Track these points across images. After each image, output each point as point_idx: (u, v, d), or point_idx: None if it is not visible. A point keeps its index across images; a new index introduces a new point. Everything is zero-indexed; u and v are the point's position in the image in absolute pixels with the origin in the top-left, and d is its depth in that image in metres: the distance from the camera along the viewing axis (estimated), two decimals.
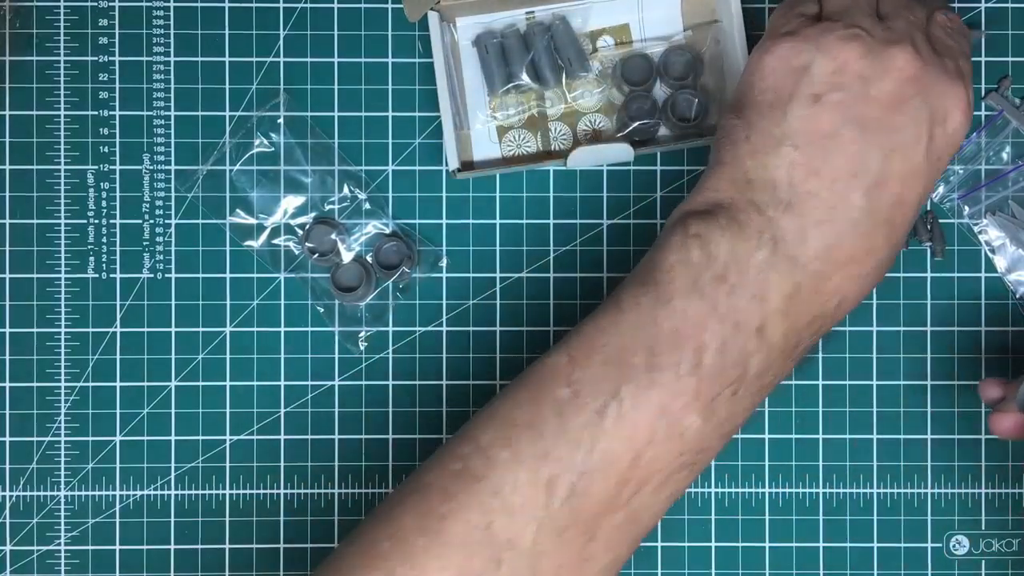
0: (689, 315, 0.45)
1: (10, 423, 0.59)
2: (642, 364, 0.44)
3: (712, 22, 0.58)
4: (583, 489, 0.44)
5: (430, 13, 0.56)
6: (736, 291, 0.45)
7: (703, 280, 0.45)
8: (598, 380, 0.45)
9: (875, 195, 0.46)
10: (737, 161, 0.47)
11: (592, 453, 0.44)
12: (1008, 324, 0.59)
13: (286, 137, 0.59)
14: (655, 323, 0.45)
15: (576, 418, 0.45)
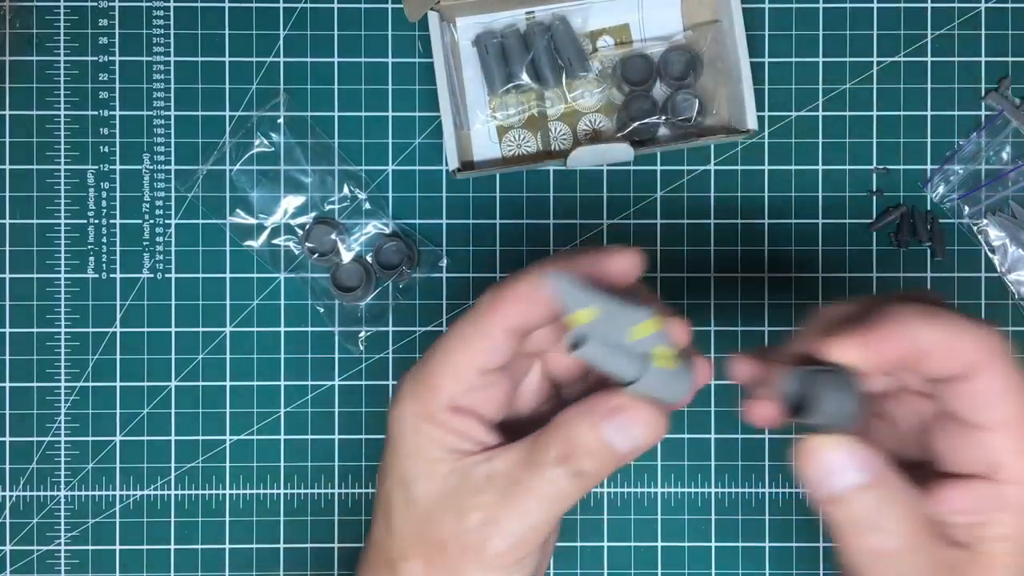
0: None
1: (10, 423, 0.59)
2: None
3: (712, 22, 0.58)
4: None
5: (430, 13, 0.56)
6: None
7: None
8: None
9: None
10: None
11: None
12: (1008, 324, 0.59)
13: (286, 137, 0.59)
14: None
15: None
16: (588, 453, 0.41)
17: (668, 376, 0.41)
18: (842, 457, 0.39)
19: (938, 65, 0.60)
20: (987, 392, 0.39)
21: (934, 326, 0.39)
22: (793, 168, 0.59)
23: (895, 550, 0.38)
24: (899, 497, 0.39)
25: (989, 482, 0.39)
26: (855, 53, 0.60)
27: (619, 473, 0.59)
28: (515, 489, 0.42)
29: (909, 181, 0.60)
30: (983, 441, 0.39)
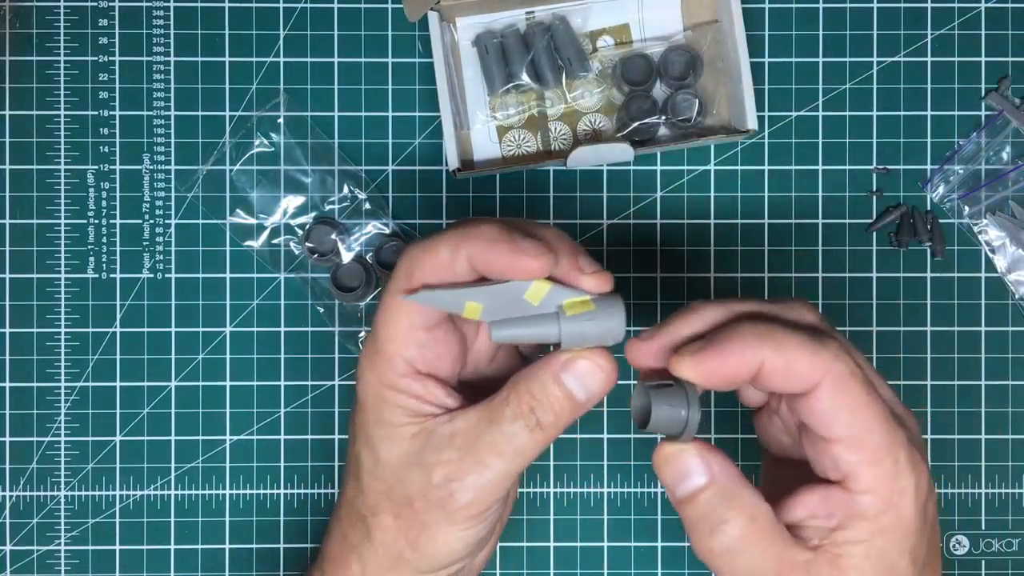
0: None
1: (10, 423, 0.59)
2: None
3: (712, 22, 0.58)
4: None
5: (430, 13, 0.56)
6: None
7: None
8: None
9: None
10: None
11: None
12: (1008, 324, 0.59)
13: (286, 137, 0.59)
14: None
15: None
16: (547, 405, 0.44)
17: (589, 320, 0.44)
18: (686, 462, 0.43)
19: (938, 65, 0.60)
20: (828, 410, 0.41)
21: (770, 348, 0.41)
22: (793, 168, 0.59)
23: (736, 543, 0.41)
24: (739, 495, 0.42)
25: (845, 490, 0.41)
26: (855, 53, 0.60)
27: (619, 473, 0.59)
28: (477, 445, 0.44)
29: (909, 181, 0.60)
30: (833, 452, 0.42)
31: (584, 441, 0.59)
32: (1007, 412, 0.59)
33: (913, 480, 0.41)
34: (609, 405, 0.59)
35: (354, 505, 0.47)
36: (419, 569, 0.46)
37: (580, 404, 0.44)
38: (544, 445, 0.45)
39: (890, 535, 0.41)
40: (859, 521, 0.41)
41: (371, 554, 0.47)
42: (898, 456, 0.41)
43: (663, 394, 0.43)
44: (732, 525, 0.42)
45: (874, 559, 0.41)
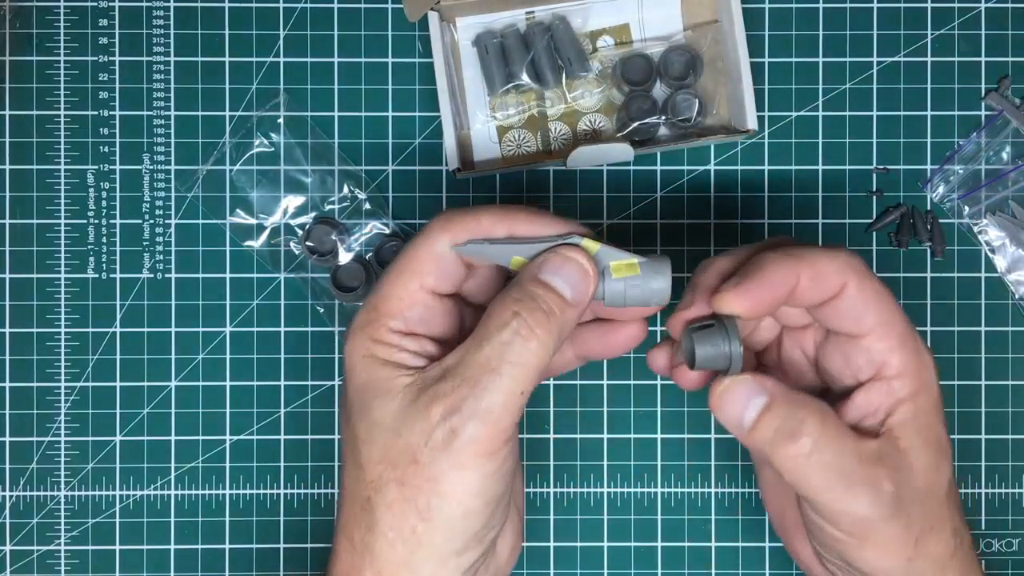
0: None
1: (10, 423, 0.59)
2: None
3: (712, 22, 0.58)
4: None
5: (430, 13, 0.56)
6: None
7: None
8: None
9: None
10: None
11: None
12: (1008, 324, 0.59)
13: (286, 137, 0.59)
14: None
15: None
16: (533, 304, 0.43)
17: (634, 281, 0.45)
18: (742, 391, 0.44)
19: (938, 65, 0.60)
20: (856, 304, 0.44)
21: (797, 264, 0.44)
22: (793, 168, 0.59)
23: (818, 440, 0.43)
24: (802, 404, 0.43)
25: (880, 381, 0.45)
26: (855, 53, 0.60)
27: (619, 473, 0.59)
28: (470, 368, 0.43)
29: (909, 181, 0.60)
30: (864, 346, 0.45)
31: (584, 441, 0.59)
32: (1007, 412, 0.59)
33: (931, 356, 0.45)
34: (609, 405, 0.59)
35: (355, 494, 0.45)
36: (438, 550, 0.43)
37: (568, 301, 0.44)
38: (542, 354, 0.43)
39: (927, 408, 0.45)
40: (901, 404, 0.44)
41: (381, 548, 0.44)
42: (916, 337, 0.45)
43: (705, 334, 0.44)
44: (809, 424, 0.43)
45: (923, 432, 0.44)
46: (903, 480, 0.44)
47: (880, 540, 0.44)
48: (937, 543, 0.45)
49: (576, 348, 0.50)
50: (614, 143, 0.57)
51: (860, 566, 0.45)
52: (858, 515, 0.43)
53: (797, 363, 0.49)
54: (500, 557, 0.47)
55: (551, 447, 0.59)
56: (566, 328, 0.44)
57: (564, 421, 0.59)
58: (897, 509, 0.43)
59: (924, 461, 0.44)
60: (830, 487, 0.43)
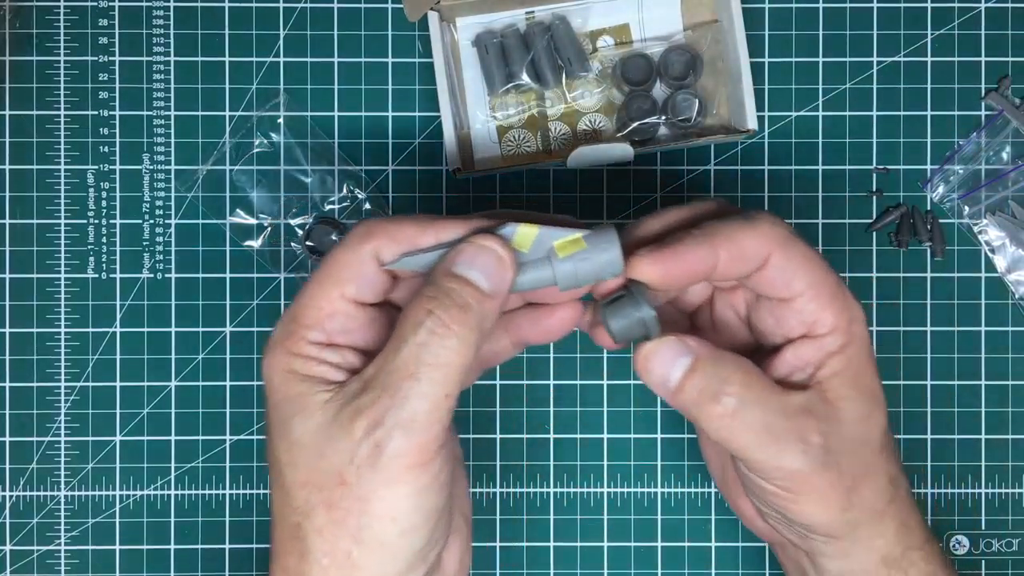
0: None
1: (10, 423, 0.59)
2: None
3: (712, 22, 0.58)
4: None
5: (430, 13, 0.56)
6: None
7: None
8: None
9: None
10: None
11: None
12: (1008, 324, 0.59)
13: (286, 137, 0.59)
14: None
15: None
16: (447, 300, 0.41)
17: (583, 258, 0.43)
18: (667, 353, 0.43)
19: (938, 65, 0.60)
20: (782, 273, 0.44)
21: (715, 243, 0.43)
22: (793, 168, 0.59)
23: (742, 399, 0.43)
24: (726, 363, 0.43)
25: (811, 339, 0.45)
26: (855, 53, 0.60)
27: (619, 473, 0.59)
28: (389, 376, 0.40)
29: (909, 181, 0.60)
30: (794, 308, 0.45)
31: (584, 441, 0.59)
32: (1007, 412, 0.59)
33: (860, 308, 0.45)
34: (609, 405, 0.59)
35: (285, 520, 0.42)
36: (377, 574, 0.41)
37: (486, 293, 0.42)
38: (463, 351, 0.41)
39: (857, 359, 0.45)
40: (831, 358, 0.44)
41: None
42: (845, 291, 0.45)
43: (615, 307, 0.44)
44: (732, 383, 0.43)
45: (853, 383, 0.44)
46: (832, 431, 0.44)
47: (813, 492, 0.44)
48: (872, 492, 0.45)
49: (511, 335, 0.48)
50: (614, 143, 0.57)
51: (796, 519, 0.45)
52: (788, 469, 0.43)
53: (730, 323, 0.49)
54: (447, 571, 0.45)
55: (551, 447, 0.59)
56: (487, 321, 0.42)
57: (564, 421, 0.59)
58: (827, 460, 0.43)
59: (854, 411, 0.44)
60: (758, 444, 0.43)
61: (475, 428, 0.59)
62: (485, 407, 0.59)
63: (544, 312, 0.47)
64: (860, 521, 0.45)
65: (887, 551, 0.46)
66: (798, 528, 0.46)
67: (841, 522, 0.45)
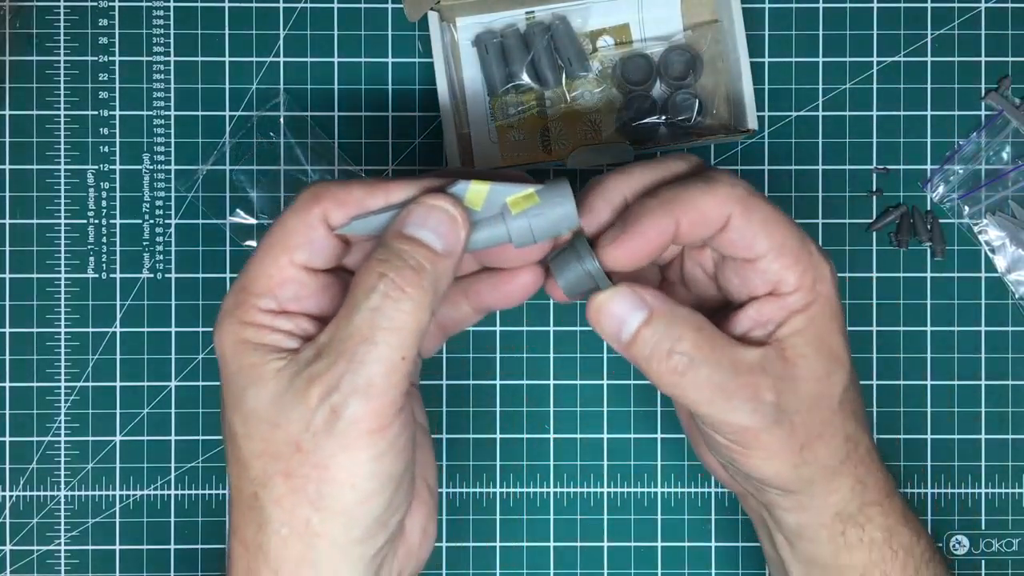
0: None
1: (10, 423, 0.59)
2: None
3: (712, 22, 0.58)
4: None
5: (430, 13, 0.56)
6: None
7: None
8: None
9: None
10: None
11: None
12: (1008, 324, 0.59)
13: (286, 137, 0.59)
14: None
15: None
16: (399, 262, 0.40)
17: (537, 213, 0.42)
18: (621, 305, 0.43)
19: (938, 65, 0.60)
20: (744, 234, 0.44)
21: (673, 210, 0.43)
22: (793, 168, 0.59)
23: (691, 362, 0.43)
24: (679, 313, 0.43)
25: (776, 297, 0.44)
26: (855, 53, 0.60)
27: (619, 473, 0.59)
28: (344, 342, 0.40)
29: (909, 181, 0.60)
30: (759, 268, 0.44)
31: (584, 441, 0.59)
32: (1007, 412, 0.59)
33: (827, 266, 0.45)
34: (609, 405, 0.59)
35: (242, 492, 0.42)
36: (337, 541, 0.40)
37: (439, 253, 0.41)
38: (418, 314, 0.40)
39: (820, 318, 0.44)
40: (793, 316, 0.44)
41: (276, 547, 0.41)
42: (811, 249, 0.44)
43: (558, 261, 0.43)
44: (684, 340, 0.43)
45: (813, 342, 0.44)
46: (787, 388, 0.44)
47: (764, 447, 0.44)
48: (826, 450, 0.45)
49: (471, 301, 0.47)
50: (614, 143, 0.57)
51: (749, 472, 0.45)
52: (738, 425, 0.44)
53: (699, 279, 0.48)
54: (411, 539, 0.45)
55: (551, 447, 0.59)
56: (442, 282, 0.41)
57: (564, 421, 0.59)
58: (779, 417, 0.43)
59: (813, 370, 0.44)
60: (708, 401, 0.43)
61: (475, 428, 0.59)
62: (485, 407, 0.59)
63: (504, 277, 0.46)
64: (814, 477, 0.45)
65: (842, 507, 0.46)
66: (753, 481, 0.47)
67: (793, 477, 0.45)
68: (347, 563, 0.41)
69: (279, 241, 0.42)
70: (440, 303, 0.41)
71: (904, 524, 0.47)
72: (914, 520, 0.48)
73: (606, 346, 0.59)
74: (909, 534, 0.47)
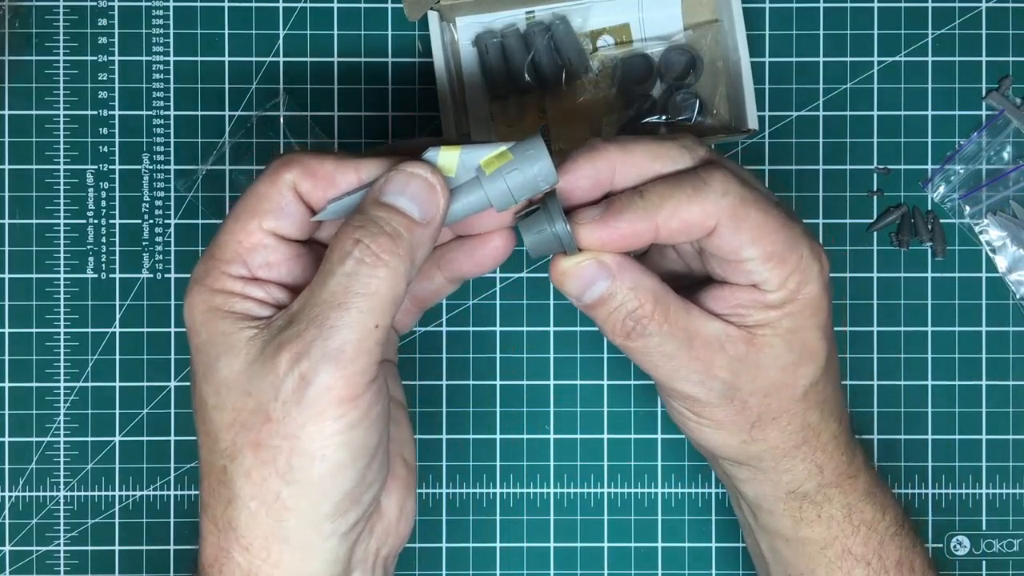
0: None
1: (10, 423, 0.59)
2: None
3: (712, 22, 0.58)
4: None
5: (430, 13, 0.56)
6: None
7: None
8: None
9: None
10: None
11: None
12: (1008, 324, 0.59)
13: (286, 137, 0.59)
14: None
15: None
16: (376, 228, 0.39)
17: (512, 171, 0.41)
18: (585, 270, 0.43)
19: (939, 65, 0.59)
20: (730, 241, 0.43)
21: (657, 215, 0.42)
22: (793, 168, 0.59)
23: (648, 333, 0.43)
24: (641, 289, 0.43)
25: (755, 289, 0.44)
26: (855, 53, 0.59)
27: (619, 473, 0.59)
28: (316, 309, 0.39)
29: (910, 181, 0.60)
30: (743, 269, 0.44)
31: (584, 441, 0.59)
32: (1008, 412, 0.59)
33: (817, 266, 0.44)
34: (610, 406, 0.59)
35: (211, 466, 0.41)
36: (308, 515, 0.39)
37: (418, 221, 0.40)
38: (394, 281, 0.39)
39: (799, 315, 0.44)
40: (769, 310, 0.44)
41: (245, 522, 0.40)
42: (802, 252, 0.44)
43: (527, 221, 0.43)
44: (644, 311, 0.43)
45: (786, 336, 0.44)
46: (745, 371, 0.44)
47: (712, 419, 0.45)
48: (779, 434, 0.45)
49: (444, 271, 0.47)
50: None
51: (698, 440, 0.47)
52: (688, 394, 0.45)
53: (687, 252, 0.48)
54: (388, 517, 0.44)
55: (551, 447, 0.59)
56: (420, 250, 0.40)
57: (564, 421, 0.59)
58: (730, 394, 0.44)
59: (778, 359, 0.44)
60: (656, 366, 0.44)
61: (475, 428, 0.59)
62: (485, 407, 0.59)
63: (476, 242, 0.46)
64: (762, 455, 0.46)
65: (796, 486, 0.47)
66: (705, 450, 0.48)
67: (740, 451, 0.46)
68: (319, 538, 0.40)
69: (248, 207, 0.41)
70: (416, 273, 0.41)
71: (867, 500, 0.48)
72: (881, 495, 0.49)
73: (606, 346, 0.59)
74: (872, 510, 0.48)
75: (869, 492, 0.48)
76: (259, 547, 0.40)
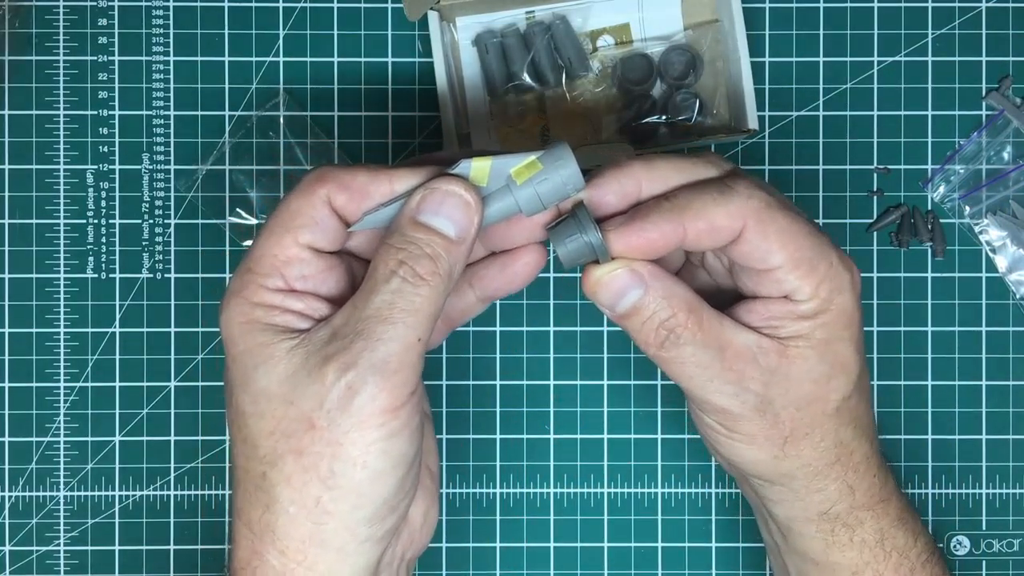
0: None
1: (10, 423, 0.59)
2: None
3: (712, 22, 0.58)
4: None
5: (430, 13, 0.56)
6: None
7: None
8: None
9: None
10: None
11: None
12: (1009, 324, 0.59)
13: (286, 137, 0.59)
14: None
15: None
16: (416, 250, 0.41)
17: (542, 179, 0.43)
18: (617, 280, 0.43)
19: (939, 65, 0.59)
20: (758, 247, 0.43)
21: (682, 219, 0.43)
22: (793, 168, 0.59)
23: (680, 342, 0.43)
24: (674, 299, 0.44)
25: (787, 301, 0.44)
26: (855, 53, 0.59)
27: (619, 473, 0.59)
28: (363, 324, 0.40)
29: (910, 181, 0.60)
30: (772, 278, 0.44)
31: (584, 441, 0.59)
32: (1008, 412, 0.59)
33: (848, 275, 0.44)
34: (609, 405, 0.59)
35: (249, 472, 0.42)
36: (346, 520, 0.41)
37: (453, 241, 0.42)
38: (435, 299, 0.41)
39: (832, 325, 0.44)
40: (803, 320, 0.44)
41: (283, 526, 0.41)
42: (831, 259, 0.44)
43: (558, 230, 0.44)
44: (677, 321, 0.43)
45: (818, 347, 0.44)
46: (778, 383, 0.44)
47: (744, 433, 0.45)
48: (812, 450, 0.45)
49: (476, 289, 0.48)
50: (614, 143, 0.57)
51: (729, 456, 0.46)
52: (719, 406, 0.44)
53: (718, 270, 0.48)
54: (413, 523, 0.46)
55: (551, 447, 0.59)
56: (456, 267, 0.42)
57: (564, 421, 0.59)
58: (763, 408, 0.44)
59: (810, 371, 0.44)
60: (689, 376, 0.44)
61: (475, 428, 0.59)
62: (485, 407, 0.59)
63: (508, 258, 0.47)
64: (795, 473, 0.46)
65: (827, 507, 0.46)
66: (736, 468, 0.47)
67: (773, 468, 0.46)
68: (355, 542, 0.41)
69: (284, 222, 0.43)
70: (452, 287, 0.42)
71: (899, 526, 0.47)
72: (912, 521, 0.48)
73: (607, 346, 0.59)
74: (904, 536, 0.47)
75: (901, 518, 0.48)
76: (295, 550, 0.41)
